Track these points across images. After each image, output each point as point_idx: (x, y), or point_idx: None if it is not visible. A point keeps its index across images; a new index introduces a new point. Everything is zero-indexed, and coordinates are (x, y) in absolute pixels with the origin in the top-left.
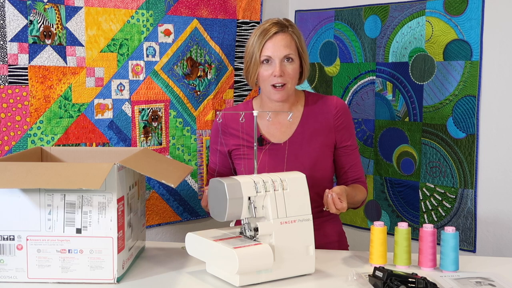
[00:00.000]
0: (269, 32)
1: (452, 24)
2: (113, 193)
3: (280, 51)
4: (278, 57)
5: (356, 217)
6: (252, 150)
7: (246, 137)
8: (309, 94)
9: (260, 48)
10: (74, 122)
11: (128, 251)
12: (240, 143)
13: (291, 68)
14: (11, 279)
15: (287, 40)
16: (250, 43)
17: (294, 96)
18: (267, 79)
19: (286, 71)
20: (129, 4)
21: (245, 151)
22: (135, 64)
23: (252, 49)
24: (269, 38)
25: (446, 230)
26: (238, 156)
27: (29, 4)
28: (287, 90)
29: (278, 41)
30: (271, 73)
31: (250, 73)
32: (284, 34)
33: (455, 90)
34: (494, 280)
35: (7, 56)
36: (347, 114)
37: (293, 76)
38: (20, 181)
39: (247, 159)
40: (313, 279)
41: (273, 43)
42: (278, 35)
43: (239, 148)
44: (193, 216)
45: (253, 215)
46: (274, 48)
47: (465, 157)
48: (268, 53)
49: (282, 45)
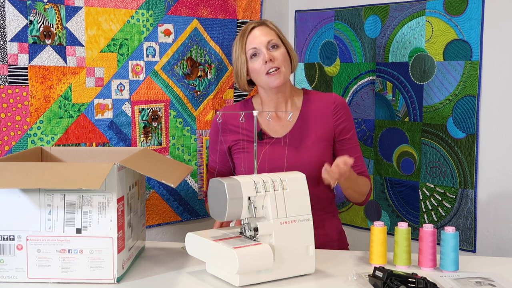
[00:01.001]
0: (246, 30)
1: (452, 24)
2: (113, 193)
3: (263, 38)
4: (263, 44)
5: (356, 217)
6: (251, 143)
7: (245, 132)
8: (307, 91)
9: (243, 46)
10: (74, 122)
11: (128, 251)
12: (239, 138)
13: (278, 53)
14: (11, 279)
15: (265, 30)
16: (234, 49)
17: (289, 89)
18: (260, 70)
19: (275, 56)
20: (129, 4)
21: (244, 145)
22: (135, 64)
23: (237, 53)
24: (248, 34)
25: (446, 230)
26: (237, 151)
27: (29, 4)
28: (282, 74)
29: (257, 33)
30: (261, 63)
31: (239, 75)
32: (261, 26)
33: (455, 90)
34: (494, 280)
35: (7, 56)
36: (345, 108)
37: (283, 59)
38: (20, 181)
39: (247, 153)
40: (313, 279)
41: (253, 36)
42: (255, 29)
43: (239, 142)
44: (193, 216)
45: (253, 215)
46: (256, 39)
47: (465, 157)
48: (252, 45)
49: (263, 34)
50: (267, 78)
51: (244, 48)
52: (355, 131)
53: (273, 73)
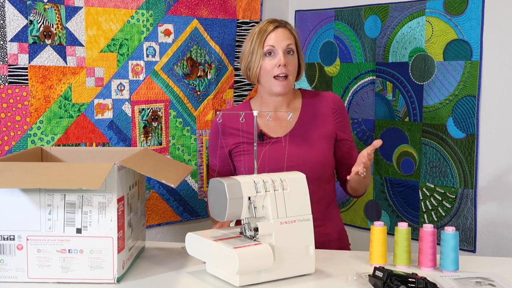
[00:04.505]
0: (269, 27)
1: (452, 24)
2: (113, 193)
3: (283, 41)
4: (282, 47)
5: (356, 217)
6: (252, 146)
7: (245, 134)
8: (304, 91)
9: (262, 42)
10: (74, 122)
11: (128, 251)
12: (239, 140)
13: (292, 61)
14: (11, 279)
15: (287, 33)
16: (250, 42)
17: (292, 94)
18: (270, 71)
19: (289, 62)
20: (129, 4)
21: (245, 148)
22: (135, 64)
23: (252, 47)
24: (270, 31)
25: (446, 230)
26: (238, 153)
27: (29, 4)
28: (288, 83)
29: (280, 33)
30: (274, 64)
31: (252, 68)
32: (284, 28)
33: (455, 90)
34: (494, 280)
35: (7, 56)
36: (343, 108)
37: (294, 69)
38: (20, 181)
39: (247, 155)
40: (313, 279)
41: (275, 35)
42: (278, 29)
43: (239, 145)
44: (193, 216)
45: (253, 215)
46: (277, 38)
47: (465, 157)
48: (271, 43)
49: (284, 37)
50: (273, 81)
51: (263, 44)
52: (350, 128)
53: (281, 79)
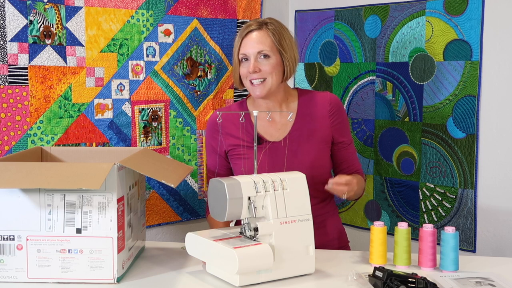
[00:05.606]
0: (243, 32)
1: (452, 24)
2: (113, 193)
3: (253, 48)
4: (252, 54)
5: (356, 217)
6: (249, 149)
7: (242, 136)
8: (301, 91)
9: (238, 47)
10: (74, 122)
11: (128, 251)
12: (237, 143)
13: (267, 64)
14: (11, 279)
15: (260, 37)
16: (234, 43)
17: (283, 93)
18: (246, 77)
19: (262, 68)
20: (129, 4)
21: (242, 151)
22: (135, 64)
23: (234, 51)
24: (244, 36)
25: (446, 230)
26: (235, 156)
27: (29, 4)
28: (266, 85)
29: (251, 38)
30: (247, 71)
31: (234, 73)
32: (260, 31)
33: (455, 90)
34: (494, 280)
35: (7, 56)
36: (341, 109)
37: (270, 71)
38: (20, 181)
39: (245, 159)
40: (313, 279)
41: (247, 40)
42: (253, 33)
43: (236, 148)
44: (193, 216)
45: (253, 215)
46: (248, 45)
47: (465, 157)
48: (243, 51)
49: (255, 42)
50: (250, 87)
51: (238, 49)
52: (349, 128)
53: (256, 84)
